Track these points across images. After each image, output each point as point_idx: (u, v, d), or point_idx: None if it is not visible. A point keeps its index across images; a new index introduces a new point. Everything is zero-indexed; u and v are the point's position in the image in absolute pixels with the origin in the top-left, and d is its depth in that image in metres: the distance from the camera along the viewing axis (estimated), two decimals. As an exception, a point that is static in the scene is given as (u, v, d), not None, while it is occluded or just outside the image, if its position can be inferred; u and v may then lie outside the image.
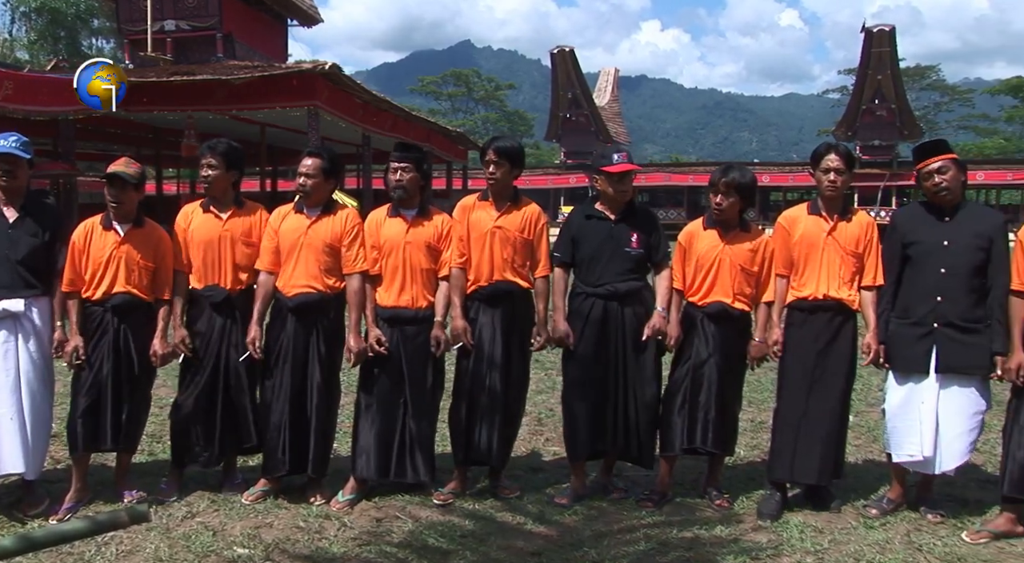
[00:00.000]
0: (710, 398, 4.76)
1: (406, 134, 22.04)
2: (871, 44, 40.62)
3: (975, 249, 4.53)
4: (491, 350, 4.85)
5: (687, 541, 4.35)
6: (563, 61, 45.49)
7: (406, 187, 4.87)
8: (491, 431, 4.87)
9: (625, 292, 4.80)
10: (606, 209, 4.91)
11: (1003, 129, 62.78)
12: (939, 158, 4.62)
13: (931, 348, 4.58)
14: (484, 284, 4.87)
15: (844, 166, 4.71)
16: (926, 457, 4.61)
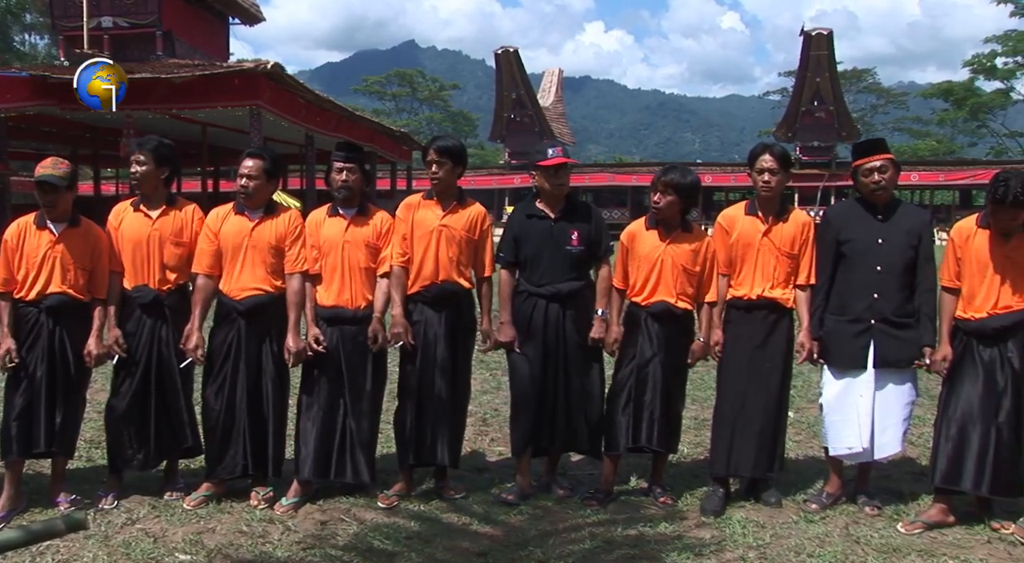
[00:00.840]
0: (655, 397, 4.80)
1: (350, 134, 21.89)
2: (810, 47, 41.35)
3: (907, 247, 4.66)
4: (435, 351, 4.84)
5: (632, 539, 4.38)
6: (507, 62, 45.54)
7: (352, 187, 4.85)
8: (437, 432, 4.86)
9: (567, 292, 4.83)
10: (546, 207, 4.94)
11: (935, 131, 64.34)
12: (879, 157, 4.72)
13: (868, 343, 4.70)
14: (428, 284, 4.85)
15: (778, 167, 4.78)
16: (864, 449, 4.73)
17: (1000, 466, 4.40)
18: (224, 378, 4.79)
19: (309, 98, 19.52)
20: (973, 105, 56.89)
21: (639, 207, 41.60)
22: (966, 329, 4.55)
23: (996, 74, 56.42)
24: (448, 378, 4.86)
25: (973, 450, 4.43)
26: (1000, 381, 4.43)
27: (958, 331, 4.60)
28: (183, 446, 4.94)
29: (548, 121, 46.63)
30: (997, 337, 4.46)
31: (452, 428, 4.92)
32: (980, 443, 4.42)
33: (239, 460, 4.78)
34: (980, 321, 4.49)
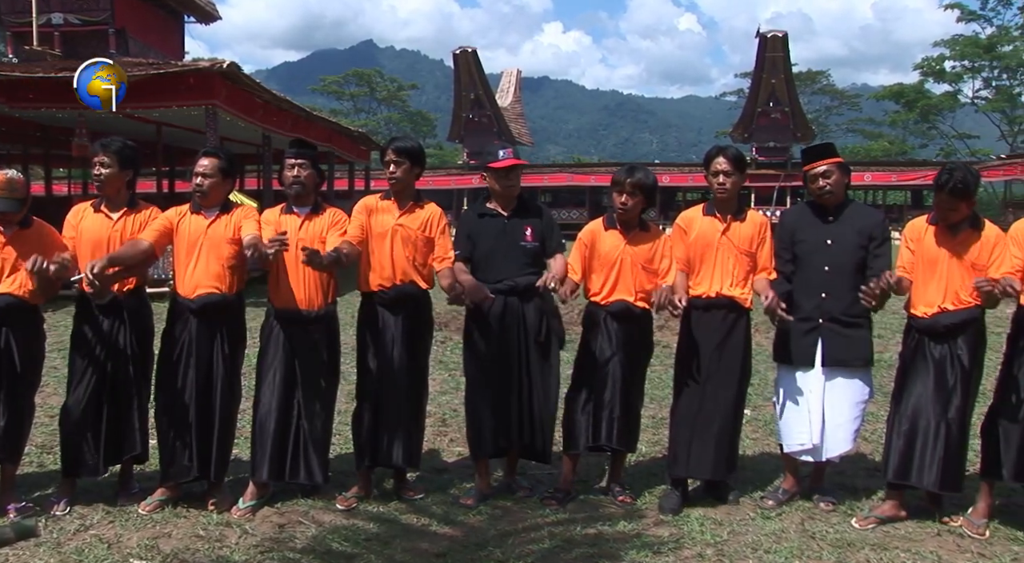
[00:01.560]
0: (615, 396, 4.83)
1: (307, 134, 21.69)
2: (765, 49, 41.77)
3: (856, 247, 4.74)
4: (393, 353, 4.83)
5: (591, 538, 4.40)
6: (466, 62, 45.48)
7: (303, 183, 4.82)
8: (395, 434, 4.85)
9: (525, 286, 4.83)
10: (498, 206, 4.96)
11: (888, 132, 65.33)
12: (825, 162, 4.81)
13: (817, 342, 4.77)
14: (388, 286, 4.84)
15: (733, 168, 4.83)
16: (814, 445, 4.81)
17: (948, 461, 4.50)
18: (175, 379, 4.74)
19: (266, 98, 19.32)
20: (923, 107, 57.92)
21: (597, 207, 41.77)
22: (917, 327, 4.64)
23: (945, 77, 57.52)
24: (406, 380, 4.86)
25: (923, 446, 4.52)
26: (950, 378, 4.52)
27: (910, 328, 4.69)
28: (128, 454, 4.86)
29: (506, 121, 46.64)
30: (947, 335, 4.55)
31: (410, 429, 4.92)
32: (930, 439, 4.51)
33: (187, 463, 4.72)
34: (931, 318, 4.57)
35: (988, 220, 4.63)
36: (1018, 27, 54.90)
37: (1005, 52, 54.61)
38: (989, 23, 57.04)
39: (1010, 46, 54.68)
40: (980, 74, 57.54)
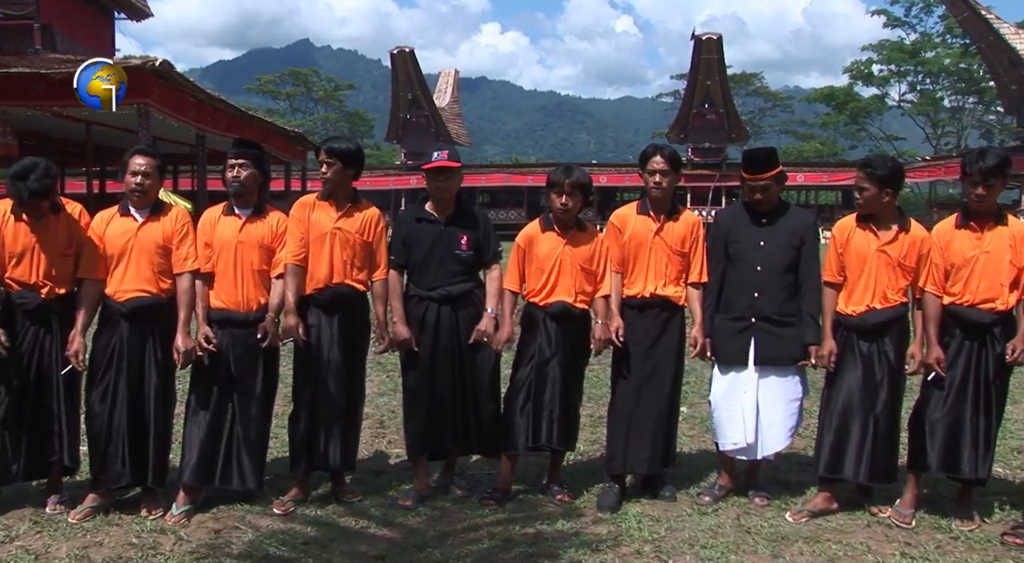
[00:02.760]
0: (554, 396, 4.85)
1: (243, 134, 21.38)
2: (700, 51, 42.39)
3: (788, 248, 4.83)
4: (328, 355, 4.80)
5: (530, 537, 4.42)
6: (403, 62, 45.32)
7: (244, 183, 4.75)
8: (331, 436, 4.82)
9: (458, 295, 4.84)
10: (435, 210, 4.94)
11: (819, 134, 66.73)
12: (761, 177, 4.81)
13: (749, 341, 4.85)
14: (322, 287, 4.81)
15: (669, 168, 4.88)
16: (748, 444, 4.89)
17: (877, 454, 4.63)
18: (106, 384, 4.63)
19: (200, 97, 19.03)
20: (853, 109, 59.37)
21: (535, 207, 41.95)
22: (846, 324, 4.74)
23: (873, 81, 59.07)
24: (342, 382, 4.83)
25: (853, 440, 4.64)
26: (878, 374, 4.64)
27: (839, 326, 4.79)
28: (50, 459, 4.71)
29: (444, 122, 46.61)
30: (875, 332, 4.67)
31: (346, 431, 4.89)
32: (859, 433, 4.63)
33: (120, 469, 4.62)
34: (860, 316, 4.69)
35: (914, 220, 4.77)
36: (939, 34, 56.58)
37: (928, 58, 56.33)
38: (913, 29, 58.80)
39: (932, 52, 56.37)
40: (906, 78, 59.27)
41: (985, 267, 4.50)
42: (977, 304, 4.53)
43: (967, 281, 4.54)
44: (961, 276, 4.56)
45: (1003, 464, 5.21)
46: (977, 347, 4.54)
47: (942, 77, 57.71)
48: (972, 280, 4.53)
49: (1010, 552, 4.27)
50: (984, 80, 49.05)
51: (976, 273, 4.52)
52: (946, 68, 56.20)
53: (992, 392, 4.54)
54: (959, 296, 4.57)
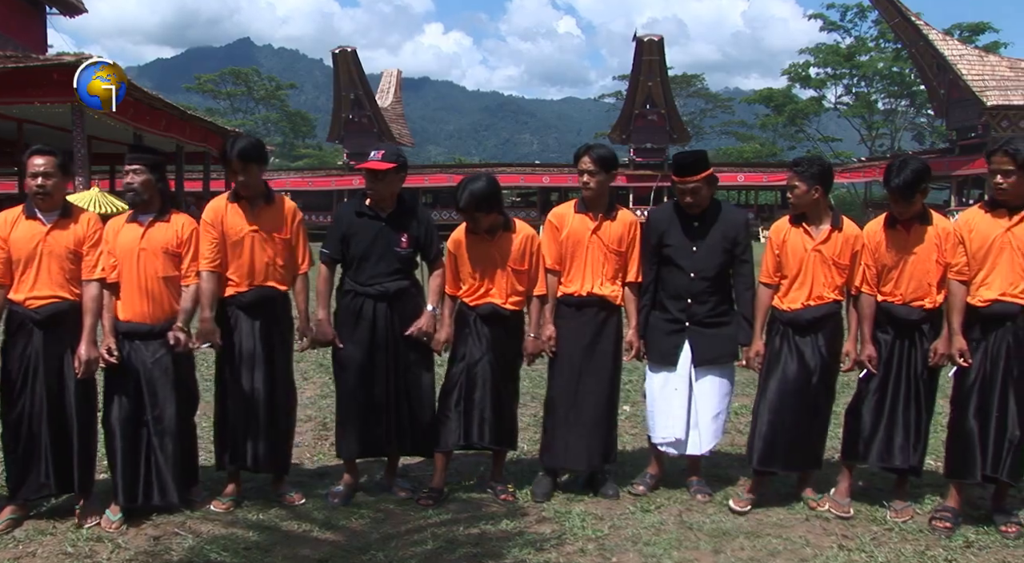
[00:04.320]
0: (485, 396, 4.85)
1: (182, 134, 21.12)
2: (642, 53, 42.75)
3: (721, 251, 4.91)
4: (252, 358, 4.73)
5: (474, 537, 4.43)
6: (345, 61, 44.98)
7: (137, 190, 4.61)
8: (260, 439, 4.74)
9: (395, 292, 4.82)
10: (376, 207, 4.91)
11: (759, 135, 67.76)
12: (691, 180, 4.87)
13: (683, 343, 4.93)
14: (244, 289, 4.73)
15: (597, 168, 4.90)
16: (678, 439, 4.97)
17: (809, 445, 4.78)
18: (23, 394, 4.46)
19: (137, 96, 18.67)
20: (791, 111, 60.39)
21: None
22: (781, 319, 4.85)
23: (810, 83, 60.17)
24: (267, 384, 4.75)
25: (786, 433, 4.75)
26: (811, 368, 4.75)
27: (774, 321, 4.90)
28: None
29: (387, 122, 46.36)
30: (809, 327, 4.77)
31: (276, 434, 4.82)
32: (792, 426, 4.75)
33: (43, 480, 4.48)
34: (795, 312, 4.79)
35: (849, 219, 4.88)
36: (873, 39, 57.87)
37: (863, 61, 57.61)
38: (848, 34, 60.06)
39: (867, 56, 57.65)
40: (841, 81, 60.51)
41: (914, 267, 4.62)
42: (907, 302, 4.66)
43: (897, 281, 4.66)
44: (892, 276, 4.68)
45: (935, 456, 5.35)
46: (907, 344, 4.67)
47: (876, 80, 59.05)
48: (902, 280, 4.65)
49: (941, 541, 4.40)
50: (915, 84, 50.24)
51: (906, 273, 4.64)
52: (880, 72, 57.52)
53: (921, 386, 4.67)
54: (890, 294, 4.70)
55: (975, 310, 4.51)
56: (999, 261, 4.43)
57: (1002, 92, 32.62)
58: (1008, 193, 4.39)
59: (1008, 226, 4.43)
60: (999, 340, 4.44)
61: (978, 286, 4.49)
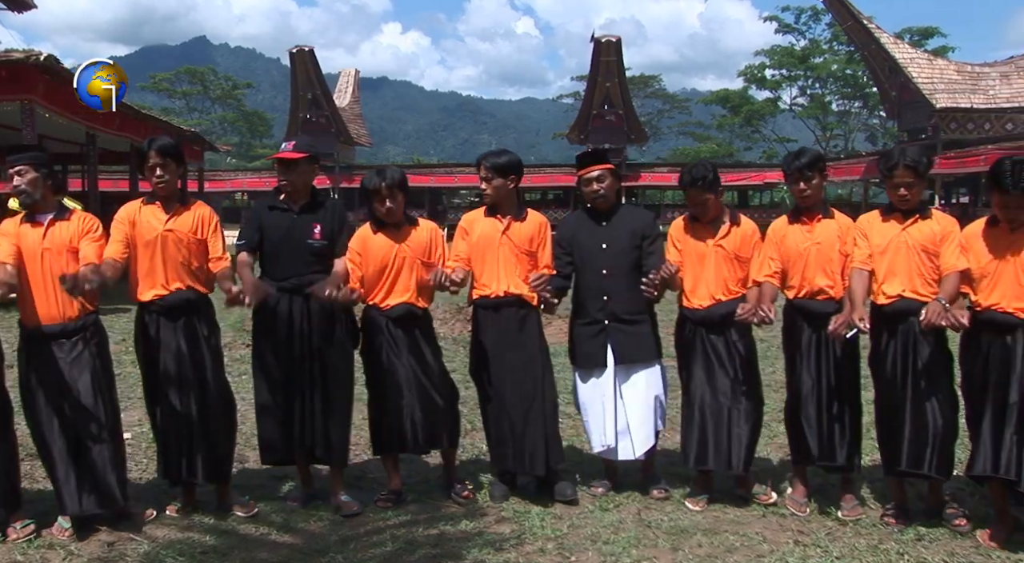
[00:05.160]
0: (412, 399, 4.83)
1: (136, 133, 20.80)
2: (600, 53, 42.96)
3: (631, 248, 4.99)
4: (176, 364, 4.63)
5: (433, 538, 4.43)
6: (302, 61, 44.67)
7: (27, 190, 4.50)
8: (194, 448, 4.64)
9: (308, 285, 4.73)
10: (288, 200, 4.88)
11: (716, 135, 68.40)
12: (597, 167, 5.02)
13: (606, 343, 4.98)
14: (162, 293, 4.64)
15: (492, 174, 4.94)
16: (608, 445, 5.01)
17: (740, 444, 4.83)
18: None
19: (89, 94, 18.36)
20: (747, 112, 61.05)
21: (436, 208, 42.01)
22: (693, 318, 4.94)
23: (766, 84, 60.85)
24: (196, 390, 4.65)
25: (716, 432, 4.83)
26: (730, 365, 4.86)
27: (687, 321, 4.98)
28: None
29: (344, 122, 46.09)
30: (722, 324, 4.87)
31: (211, 442, 4.70)
32: (720, 424, 4.82)
33: None
34: (706, 310, 4.89)
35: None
36: (827, 41, 58.69)
37: (817, 63, 58.38)
38: (803, 36, 60.82)
39: (821, 58, 58.45)
40: (796, 82, 61.26)
41: (818, 257, 4.76)
42: (815, 294, 4.77)
43: (803, 273, 4.78)
44: (797, 269, 4.80)
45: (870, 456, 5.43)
46: (824, 337, 4.75)
47: (830, 82, 59.90)
48: (808, 270, 4.77)
49: (893, 535, 4.48)
50: (868, 86, 51.02)
51: (811, 264, 4.77)
52: (834, 73, 58.35)
53: (843, 379, 4.77)
54: (798, 289, 4.81)
55: (879, 308, 4.64)
56: (897, 260, 4.57)
57: (950, 95, 33.26)
58: (910, 202, 4.58)
59: (903, 227, 4.60)
60: (905, 337, 4.56)
61: (880, 285, 4.63)
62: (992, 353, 4.37)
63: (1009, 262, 4.31)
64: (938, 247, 4.52)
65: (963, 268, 4.45)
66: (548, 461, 4.95)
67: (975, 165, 27.27)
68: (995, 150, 26.11)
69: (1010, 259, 4.31)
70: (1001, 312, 4.33)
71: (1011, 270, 4.30)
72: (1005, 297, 4.32)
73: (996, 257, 4.36)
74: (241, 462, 5.34)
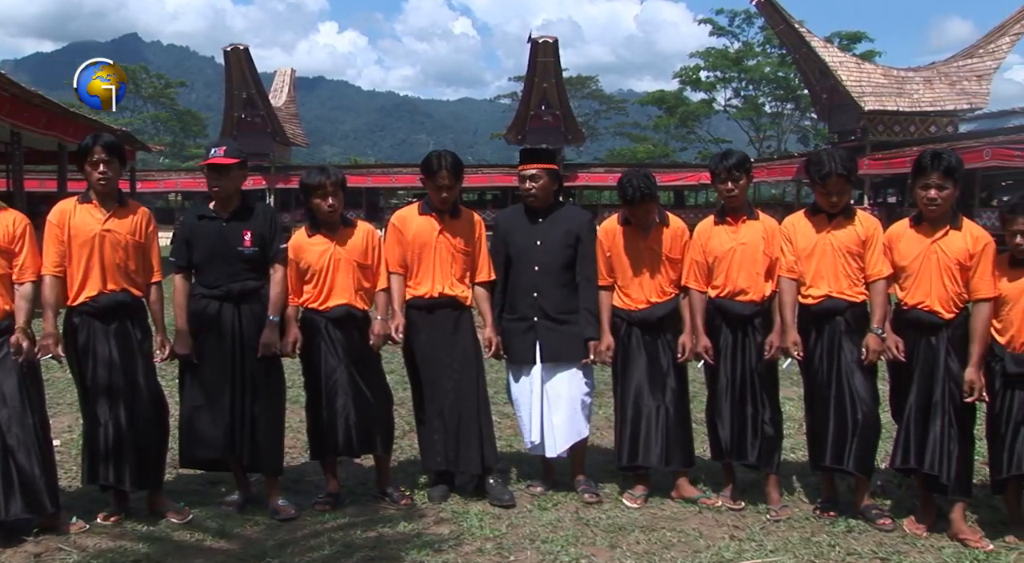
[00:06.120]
0: (348, 402, 4.81)
1: (64, 132, 20.27)
2: (537, 54, 43.01)
3: (564, 247, 5.02)
4: (111, 371, 4.53)
5: (371, 540, 4.41)
6: (237, 59, 43.94)
7: None
8: (123, 454, 4.54)
9: (239, 292, 4.70)
10: (218, 207, 4.81)
11: (652, 136, 68.95)
12: (535, 166, 5.04)
13: (535, 340, 5.01)
14: (95, 294, 4.54)
15: (452, 182, 4.93)
16: (534, 442, 5.05)
17: (672, 441, 4.90)
18: None
19: (14, 91, 17.84)
20: (683, 113, 61.72)
21: (374, 208, 41.73)
22: (630, 320, 4.99)
23: (700, 86, 61.58)
24: (128, 395, 4.57)
25: (650, 430, 4.89)
26: (663, 364, 4.94)
27: (622, 321, 5.02)
28: None
29: (280, 121, 45.43)
30: (659, 325, 4.95)
31: (143, 447, 4.61)
32: (654, 423, 4.89)
33: None
34: (642, 311, 4.96)
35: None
36: (760, 44, 59.65)
37: (750, 65, 59.26)
38: (736, 38, 61.69)
39: (754, 60, 59.38)
40: (731, 84, 62.10)
41: (743, 258, 4.85)
42: (737, 295, 4.86)
43: (727, 273, 4.87)
44: (722, 269, 4.88)
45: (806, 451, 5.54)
46: (741, 337, 4.87)
47: (763, 84, 60.80)
48: (732, 271, 4.86)
49: (825, 527, 4.59)
50: (800, 88, 51.84)
51: (735, 264, 4.86)
52: (766, 76, 59.26)
53: (757, 379, 4.86)
54: (721, 288, 4.90)
55: (806, 308, 4.75)
56: (823, 263, 4.70)
57: (877, 98, 34.02)
58: (839, 206, 4.70)
59: (828, 229, 4.72)
60: (831, 335, 4.68)
61: (807, 285, 4.74)
62: (917, 351, 4.51)
63: (931, 261, 4.46)
64: (862, 249, 4.65)
65: (887, 274, 4.61)
66: (483, 460, 4.96)
67: (902, 166, 27.88)
68: (920, 152, 26.81)
69: (931, 258, 4.46)
70: (926, 311, 4.47)
71: (934, 269, 4.45)
72: (928, 296, 4.46)
73: (919, 256, 4.50)
74: (174, 468, 5.24)
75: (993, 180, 30.06)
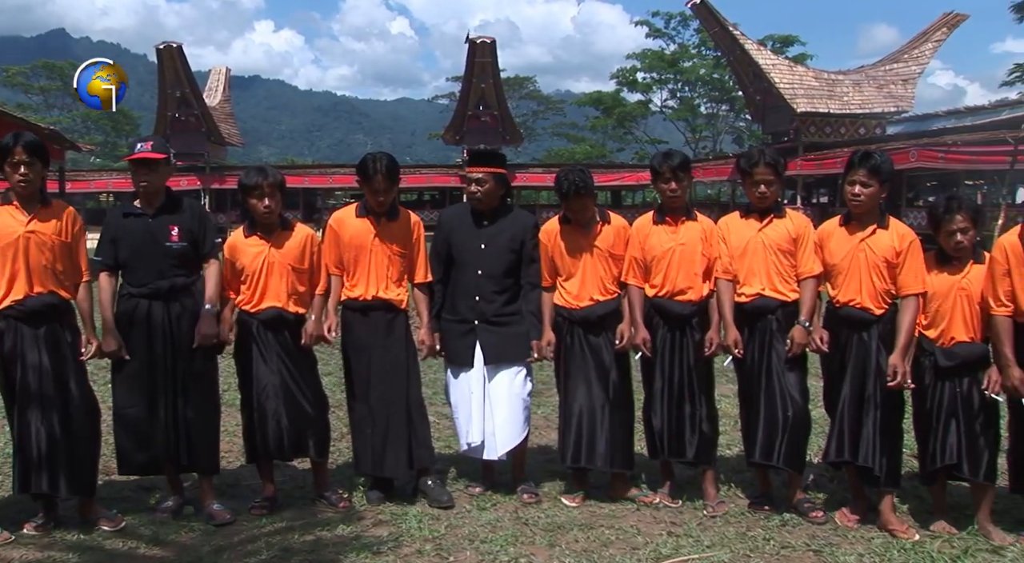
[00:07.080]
0: (279, 406, 4.78)
1: (-13, 131, 19.74)
2: (475, 55, 43.03)
3: (508, 251, 5.03)
4: (41, 376, 4.40)
5: (309, 544, 4.37)
6: (170, 57, 43.16)
7: None
8: (56, 459, 4.41)
9: (168, 289, 4.62)
10: (144, 204, 4.72)
11: (589, 136, 69.36)
12: (480, 169, 5.03)
13: (474, 343, 5.01)
14: (21, 298, 4.41)
15: (387, 186, 4.90)
16: (472, 444, 5.05)
17: (615, 443, 4.94)
18: None
19: (-66, 89, 17.32)
20: (620, 114, 62.24)
21: (311, 209, 41.34)
22: (572, 318, 5.02)
23: (637, 87, 62.18)
24: (60, 401, 4.44)
25: (591, 430, 4.92)
26: (606, 364, 4.97)
27: (565, 321, 5.05)
28: None
29: (215, 121, 44.75)
30: (601, 324, 4.98)
31: (76, 454, 4.49)
32: (597, 423, 4.91)
33: None
34: (584, 310, 4.98)
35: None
36: (695, 46, 60.47)
37: (686, 67, 60.03)
38: (672, 41, 62.43)
39: (690, 62, 60.16)
40: (667, 86, 62.82)
41: (681, 258, 4.91)
42: (676, 295, 4.92)
43: (666, 272, 4.92)
44: (660, 268, 4.94)
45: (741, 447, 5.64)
46: (679, 336, 4.93)
47: (699, 85, 61.62)
48: (671, 270, 4.92)
49: (759, 522, 4.68)
50: (734, 90, 52.63)
51: (674, 264, 4.91)
52: (702, 77, 60.07)
53: (694, 378, 4.93)
54: (660, 287, 4.95)
55: (739, 306, 4.84)
56: (755, 261, 4.79)
57: (809, 100, 34.72)
58: (769, 200, 4.80)
59: (760, 228, 4.82)
60: (763, 333, 4.77)
61: (740, 284, 4.84)
62: (850, 347, 4.61)
63: (859, 260, 4.57)
64: (794, 247, 4.75)
65: (818, 272, 4.71)
66: (411, 464, 4.94)
67: (832, 167, 28.47)
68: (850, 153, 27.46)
69: (860, 257, 4.57)
70: (857, 307, 4.57)
71: (863, 267, 4.56)
72: (859, 293, 4.57)
73: (848, 255, 4.61)
74: (107, 474, 5.13)
75: (918, 181, 30.90)
